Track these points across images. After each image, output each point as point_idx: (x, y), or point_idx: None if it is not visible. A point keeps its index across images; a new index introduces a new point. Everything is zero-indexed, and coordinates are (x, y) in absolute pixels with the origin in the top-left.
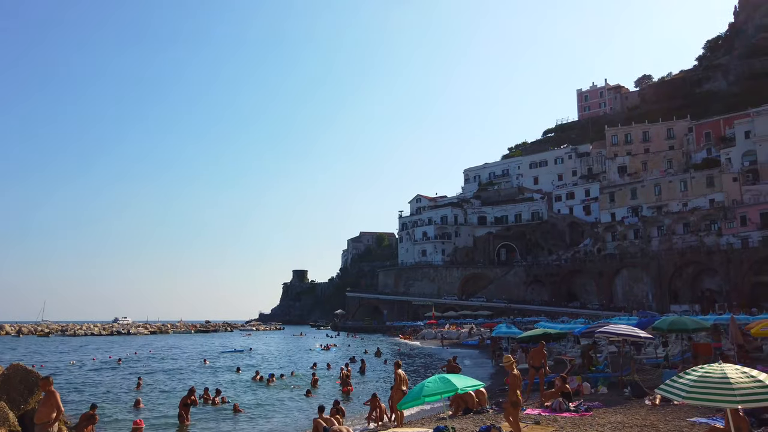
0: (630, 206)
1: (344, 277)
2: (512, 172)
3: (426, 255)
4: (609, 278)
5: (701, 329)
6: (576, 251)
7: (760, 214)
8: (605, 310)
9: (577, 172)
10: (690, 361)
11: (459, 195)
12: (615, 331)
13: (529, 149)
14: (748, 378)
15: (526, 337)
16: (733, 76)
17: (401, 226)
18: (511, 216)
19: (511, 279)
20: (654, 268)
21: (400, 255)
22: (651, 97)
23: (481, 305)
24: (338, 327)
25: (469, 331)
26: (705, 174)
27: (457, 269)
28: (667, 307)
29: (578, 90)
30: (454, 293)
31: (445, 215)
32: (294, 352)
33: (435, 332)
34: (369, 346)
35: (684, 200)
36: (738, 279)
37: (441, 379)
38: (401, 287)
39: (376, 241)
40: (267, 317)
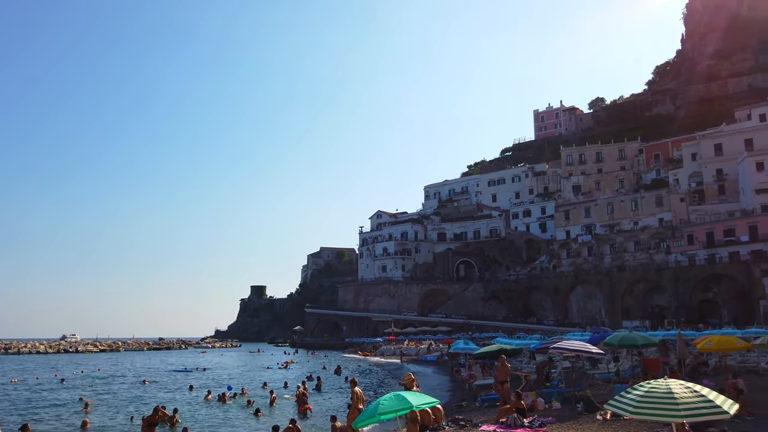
0: (584, 224)
1: (304, 293)
2: (471, 190)
3: (386, 271)
4: (564, 295)
5: (650, 345)
6: (532, 268)
7: (706, 233)
8: (560, 326)
9: (533, 191)
10: (640, 376)
11: (419, 211)
12: (568, 346)
13: (488, 167)
14: (692, 393)
15: (482, 353)
16: (681, 100)
17: (362, 241)
18: (470, 232)
19: (469, 295)
20: (607, 284)
21: (360, 271)
22: (604, 119)
23: (440, 321)
24: (297, 344)
25: (428, 347)
26: (654, 194)
27: (416, 285)
28: (620, 323)
29: (535, 111)
30: (414, 309)
31: (406, 231)
32: (251, 370)
33: (394, 348)
34: (328, 363)
35: (635, 219)
36: (685, 296)
37: (396, 397)
38: (361, 303)
39: (336, 257)
40: (224, 334)
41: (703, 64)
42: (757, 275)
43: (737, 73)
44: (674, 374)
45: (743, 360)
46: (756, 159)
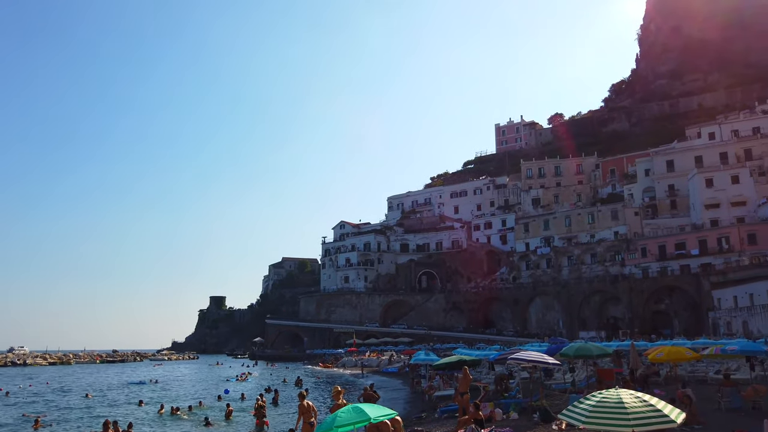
0: (543, 237)
1: (264, 304)
2: (434, 201)
3: (349, 281)
4: (524, 306)
5: (605, 355)
6: (493, 279)
7: (659, 246)
8: (520, 337)
9: (494, 203)
10: (594, 386)
11: (382, 222)
12: (525, 357)
13: (451, 179)
14: (642, 403)
15: (442, 364)
16: (635, 117)
17: (324, 252)
18: (433, 244)
19: (431, 306)
20: (564, 296)
21: (322, 281)
22: (563, 134)
23: (402, 332)
24: (256, 356)
25: (390, 359)
26: (610, 208)
27: (379, 296)
28: (577, 333)
29: (497, 125)
30: (376, 320)
31: (369, 242)
32: (208, 383)
33: (355, 360)
34: (288, 374)
35: (592, 232)
36: (639, 307)
37: (354, 409)
38: (323, 314)
39: (298, 267)
40: (181, 346)
41: (656, 84)
42: (706, 288)
43: (688, 92)
44: (627, 384)
45: (693, 370)
46: (705, 175)
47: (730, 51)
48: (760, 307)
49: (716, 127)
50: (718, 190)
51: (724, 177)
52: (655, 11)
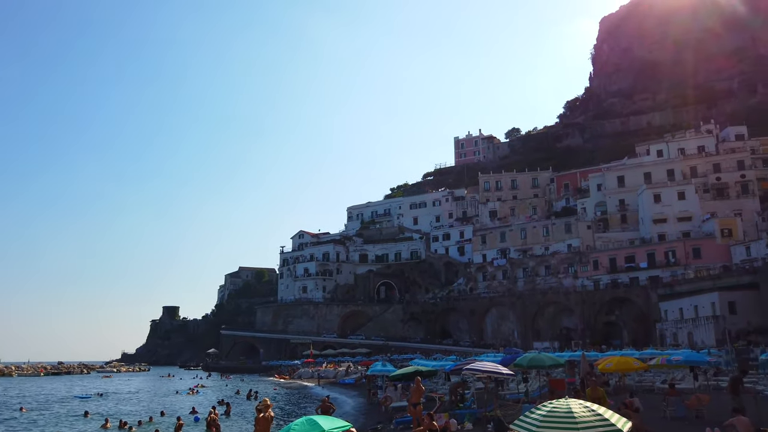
0: (499, 248)
1: (220, 314)
2: (393, 212)
3: (307, 291)
4: (480, 316)
5: (557, 365)
6: (450, 290)
7: (609, 259)
8: (476, 347)
9: (453, 215)
10: (547, 396)
11: (342, 232)
12: (480, 368)
13: (410, 190)
14: (590, 412)
15: (398, 375)
16: (588, 134)
17: (282, 261)
18: (392, 254)
19: (389, 316)
20: (520, 307)
21: (279, 291)
22: (519, 148)
23: (360, 343)
24: (210, 367)
25: (347, 370)
26: (564, 221)
27: (337, 306)
28: (531, 344)
29: (456, 138)
30: (334, 331)
31: (328, 252)
32: (159, 396)
33: (312, 371)
34: (243, 386)
35: (546, 244)
36: (591, 318)
37: (308, 422)
38: (280, 325)
39: (255, 277)
40: (131, 357)
41: (608, 102)
42: (654, 300)
43: (638, 111)
44: (578, 394)
45: (641, 380)
46: (654, 191)
47: (678, 72)
48: (704, 318)
49: (664, 145)
50: (666, 206)
51: (671, 193)
52: (607, 32)
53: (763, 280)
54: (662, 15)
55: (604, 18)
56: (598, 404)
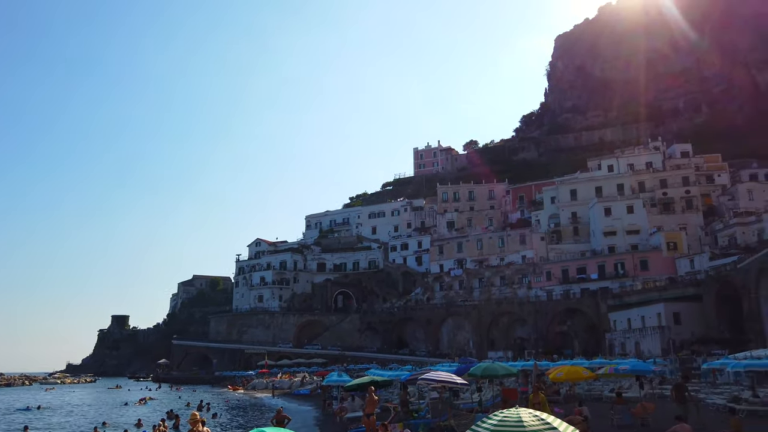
0: (456, 259)
1: (172, 324)
2: (352, 221)
3: (263, 301)
4: (436, 326)
5: (510, 375)
6: (408, 300)
7: (562, 270)
8: (432, 357)
9: (411, 225)
10: (500, 405)
11: (300, 241)
12: (435, 378)
13: (369, 200)
14: (539, 421)
15: (354, 385)
16: (543, 148)
17: (238, 270)
18: (350, 264)
19: (346, 326)
20: (475, 317)
21: (234, 300)
22: (477, 160)
23: (316, 353)
24: (160, 378)
25: (302, 380)
26: (519, 233)
27: (293, 316)
28: (486, 353)
29: (415, 148)
30: (290, 341)
31: (285, 260)
32: (106, 408)
33: (267, 382)
34: (194, 398)
35: (501, 255)
36: (543, 328)
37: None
38: (234, 335)
39: (210, 286)
40: (77, 368)
41: (562, 117)
42: (603, 310)
43: (590, 127)
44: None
45: (590, 389)
46: (604, 205)
47: (629, 91)
48: (651, 329)
49: (615, 161)
50: (615, 219)
51: (621, 207)
52: (562, 50)
53: (706, 292)
54: (614, 35)
55: (559, 36)
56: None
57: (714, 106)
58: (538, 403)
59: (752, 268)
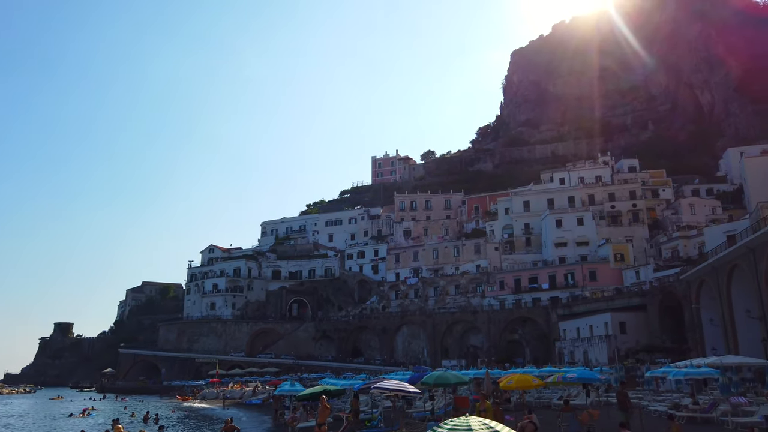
0: (412, 267)
1: (119, 332)
2: (309, 229)
3: (215, 308)
4: (391, 335)
5: (462, 383)
6: (363, 308)
7: (514, 279)
8: (386, 365)
9: (368, 233)
10: (452, 413)
11: (255, 247)
12: (388, 386)
13: (326, 208)
14: (489, 429)
15: (306, 394)
16: (498, 159)
17: (190, 276)
18: (306, 271)
19: (301, 334)
20: (430, 325)
21: (186, 308)
22: (434, 170)
23: (269, 362)
24: (105, 388)
25: (254, 390)
26: (474, 242)
27: (246, 324)
28: (440, 362)
29: (373, 157)
30: (242, 349)
31: (239, 267)
32: (46, 419)
33: (217, 392)
34: (139, 409)
35: (456, 264)
36: (496, 337)
37: None
38: (185, 343)
39: (160, 292)
40: (15, 378)
41: (516, 130)
42: (554, 319)
43: (543, 140)
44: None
45: (539, 396)
46: (556, 216)
47: (581, 106)
48: (598, 338)
49: (566, 174)
50: (566, 231)
51: (572, 219)
52: (517, 64)
53: (650, 302)
54: (568, 52)
55: (515, 51)
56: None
57: (659, 124)
58: (484, 411)
59: (693, 279)
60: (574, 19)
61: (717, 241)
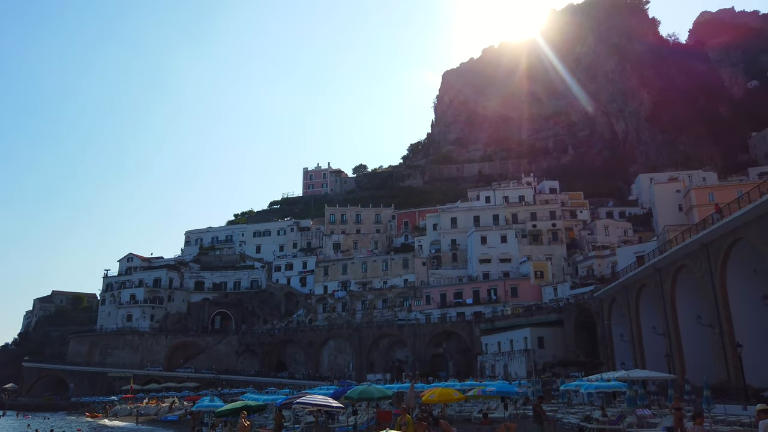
0: (341, 281)
1: (24, 344)
2: (236, 239)
3: (132, 320)
4: (317, 348)
5: (386, 397)
6: (289, 321)
7: (440, 294)
8: (311, 380)
9: (297, 245)
10: (374, 427)
11: (178, 257)
12: (310, 401)
13: (255, 218)
14: None
15: (225, 410)
16: (428, 176)
17: (106, 286)
18: (231, 283)
19: (223, 348)
20: (356, 339)
21: (100, 319)
22: (365, 184)
23: (188, 376)
24: (6, 405)
25: (171, 406)
26: (402, 257)
27: (165, 337)
28: (365, 376)
29: (305, 169)
30: (160, 363)
31: (159, 277)
32: None
33: (131, 408)
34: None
35: (385, 278)
36: (421, 350)
37: None
38: (97, 356)
39: (71, 303)
40: None
41: (446, 148)
42: (477, 334)
43: (471, 159)
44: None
45: (461, 410)
46: (481, 233)
47: (507, 128)
48: (518, 352)
49: (492, 192)
50: (491, 247)
51: (496, 236)
52: (448, 85)
53: (567, 318)
54: (496, 75)
55: (447, 71)
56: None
57: (579, 149)
58: (404, 425)
59: (606, 297)
60: (502, 44)
61: (628, 261)
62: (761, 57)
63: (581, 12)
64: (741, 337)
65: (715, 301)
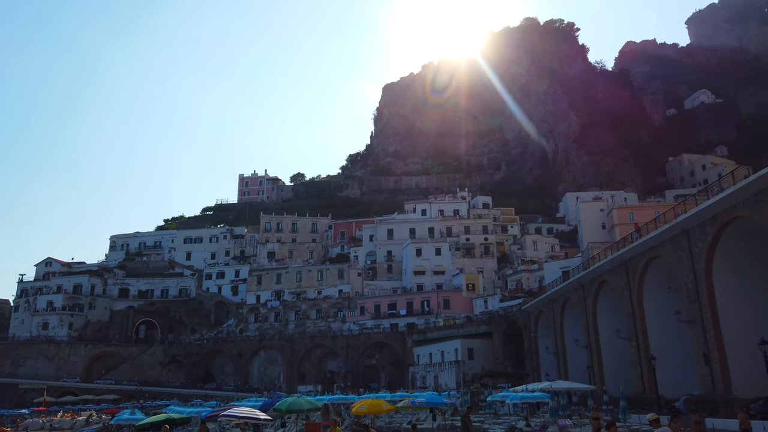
0: (274, 290)
1: None
2: (165, 245)
3: (48, 328)
4: (247, 359)
5: (315, 409)
6: (219, 331)
7: (374, 305)
8: (240, 392)
9: (230, 253)
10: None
11: (101, 263)
12: (237, 413)
13: (187, 224)
14: None
15: (146, 423)
16: (366, 187)
17: (21, 292)
18: (158, 290)
19: (147, 359)
20: (288, 350)
21: (12, 327)
22: (303, 193)
23: (108, 388)
24: None
25: (88, 419)
26: (338, 267)
27: (84, 346)
28: (296, 387)
29: (240, 175)
30: (78, 374)
31: (80, 283)
32: None
33: (43, 422)
34: None
35: (319, 288)
36: (353, 361)
37: None
38: (7, 367)
39: None
40: None
41: (385, 160)
42: (409, 345)
43: (409, 172)
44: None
45: (391, 421)
46: (416, 246)
47: (444, 144)
48: (449, 363)
49: (428, 206)
50: (425, 259)
51: (430, 248)
52: (388, 98)
53: (496, 330)
54: (435, 91)
55: (387, 85)
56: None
57: (511, 166)
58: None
59: (533, 310)
60: (441, 61)
61: (554, 275)
62: (679, 87)
63: (517, 35)
64: (655, 350)
65: (632, 316)
